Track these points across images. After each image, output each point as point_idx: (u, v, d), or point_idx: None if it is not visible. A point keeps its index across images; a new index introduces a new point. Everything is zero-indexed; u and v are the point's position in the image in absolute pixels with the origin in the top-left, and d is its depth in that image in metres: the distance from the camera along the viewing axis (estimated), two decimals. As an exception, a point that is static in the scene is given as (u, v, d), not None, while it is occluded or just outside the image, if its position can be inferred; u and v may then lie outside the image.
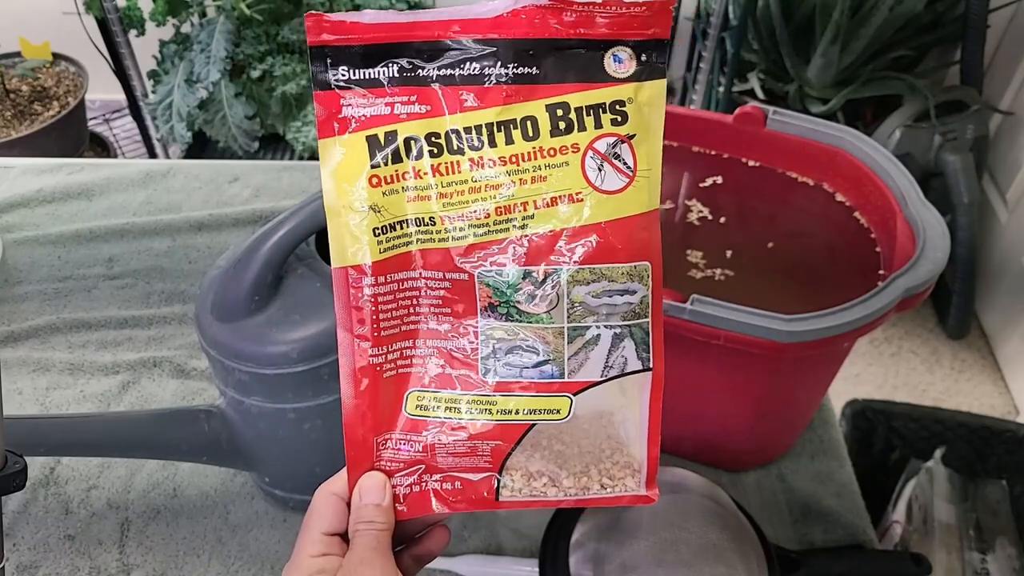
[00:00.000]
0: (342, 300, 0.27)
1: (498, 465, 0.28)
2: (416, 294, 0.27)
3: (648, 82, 0.27)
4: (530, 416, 0.27)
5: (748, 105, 0.54)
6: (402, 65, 0.26)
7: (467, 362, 0.27)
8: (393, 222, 0.27)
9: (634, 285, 0.27)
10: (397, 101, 0.26)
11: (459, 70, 0.26)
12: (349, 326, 0.27)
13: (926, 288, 0.43)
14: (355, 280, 0.27)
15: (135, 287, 0.67)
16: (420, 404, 0.28)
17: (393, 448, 0.28)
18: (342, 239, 0.27)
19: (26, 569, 0.48)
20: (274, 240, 0.40)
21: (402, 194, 0.26)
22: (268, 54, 1.14)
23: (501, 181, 0.26)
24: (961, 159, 1.10)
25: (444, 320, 0.27)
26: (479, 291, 0.27)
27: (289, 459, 0.48)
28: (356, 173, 0.26)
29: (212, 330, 0.42)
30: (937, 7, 1.12)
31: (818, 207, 0.53)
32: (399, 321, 0.27)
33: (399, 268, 0.27)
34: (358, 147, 0.26)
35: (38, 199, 0.75)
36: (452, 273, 0.27)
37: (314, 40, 0.26)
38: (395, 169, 0.26)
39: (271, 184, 0.78)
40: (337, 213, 0.26)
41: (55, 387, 0.59)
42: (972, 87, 1.14)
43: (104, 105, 1.48)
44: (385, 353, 0.27)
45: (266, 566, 0.49)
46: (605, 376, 0.27)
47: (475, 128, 0.26)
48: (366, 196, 0.26)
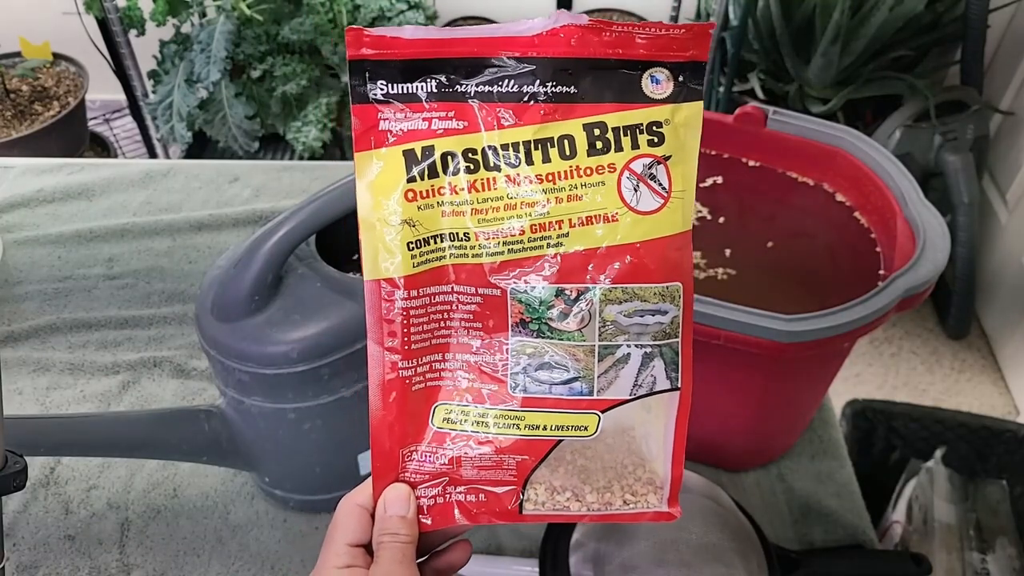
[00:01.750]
0: (373, 312, 0.27)
1: (523, 479, 0.28)
2: (448, 308, 0.27)
3: (685, 104, 0.27)
4: (557, 432, 0.27)
5: (748, 105, 0.54)
6: (440, 81, 0.26)
7: (496, 377, 0.27)
8: (427, 236, 0.27)
9: (666, 306, 0.27)
10: (435, 116, 0.26)
11: (497, 87, 0.26)
12: (379, 338, 0.27)
13: (926, 288, 0.43)
14: (387, 293, 0.27)
15: (135, 287, 0.67)
16: (447, 417, 0.28)
17: (419, 460, 0.28)
18: (375, 252, 0.27)
19: (26, 569, 0.48)
20: (274, 240, 0.40)
21: (437, 209, 0.27)
22: (268, 54, 1.14)
23: (537, 199, 0.27)
24: (961, 159, 1.10)
25: (475, 335, 0.28)
26: (511, 307, 0.27)
27: (289, 459, 0.48)
28: (392, 187, 0.26)
29: (212, 330, 0.42)
30: (937, 7, 1.12)
31: (818, 207, 0.53)
32: (430, 335, 0.27)
33: (432, 282, 0.27)
34: (395, 161, 0.26)
35: (38, 199, 0.75)
36: (484, 289, 0.27)
37: (353, 54, 0.26)
38: (431, 184, 0.26)
39: (271, 184, 0.78)
40: (371, 226, 0.27)
41: (55, 387, 0.59)
42: (972, 87, 1.14)
43: (104, 105, 1.48)
44: (415, 366, 0.28)
45: (266, 566, 0.49)
46: (634, 395, 0.27)
47: (512, 145, 0.26)
48: (401, 210, 0.26)
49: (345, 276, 0.44)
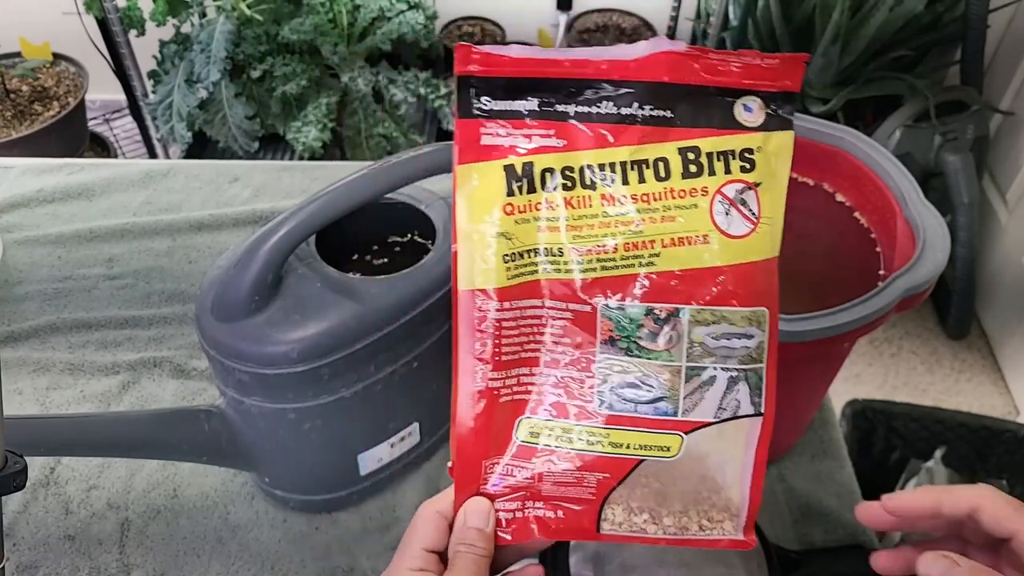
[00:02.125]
0: (466, 322, 0.28)
1: (602, 497, 0.28)
2: (538, 323, 0.28)
3: (776, 132, 0.27)
4: (640, 451, 0.28)
5: (748, 105, 0.54)
6: (543, 99, 0.27)
7: (583, 393, 0.28)
8: (523, 250, 0.27)
9: (752, 330, 0.28)
10: (536, 133, 0.27)
11: (597, 108, 0.27)
12: (470, 348, 0.28)
13: (926, 288, 0.43)
14: (481, 304, 0.27)
15: (135, 287, 0.67)
16: (532, 431, 0.28)
17: (501, 473, 0.28)
18: (471, 262, 0.27)
19: (26, 569, 0.48)
20: (274, 240, 0.40)
21: (533, 224, 0.27)
22: (268, 54, 1.14)
23: (631, 218, 0.27)
24: (961, 159, 1.10)
25: (564, 350, 0.28)
26: (601, 324, 0.27)
27: (289, 459, 0.48)
28: (491, 200, 0.27)
29: (212, 330, 0.42)
30: (937, 7, 1.12)
31: (818, 207, 0.53)
32: (519, 348, 0.28)
33: (524, 296, 0.28)
34: (495, 175, 0.27)
35: (38, 199, 0.75)
36: (576, 305, 0.27)
37: (461, 69, 0.27)
38: (529, 199, 0.27)
39: (271, 184, 0.78)
40: (468, 236, 0.27)
41: (55, 387, 0.59)
42: (972, 87, 1.14)
43: (104, 105, 1.48)
44: (503, 378, 0.28)
45: (266, 566, 0.49)
46: (718, 418, 0.28)
47: (609, 165, 0.27)
48: (499, 223, 0.27)
49: (345, 276, 0.44)
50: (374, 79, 1.17)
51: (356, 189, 0.41)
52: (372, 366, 0.44)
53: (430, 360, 0.48)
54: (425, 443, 0.53)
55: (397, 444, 0.50)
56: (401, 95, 1.17)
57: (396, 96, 1.17)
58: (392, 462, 0.51)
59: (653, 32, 1.51)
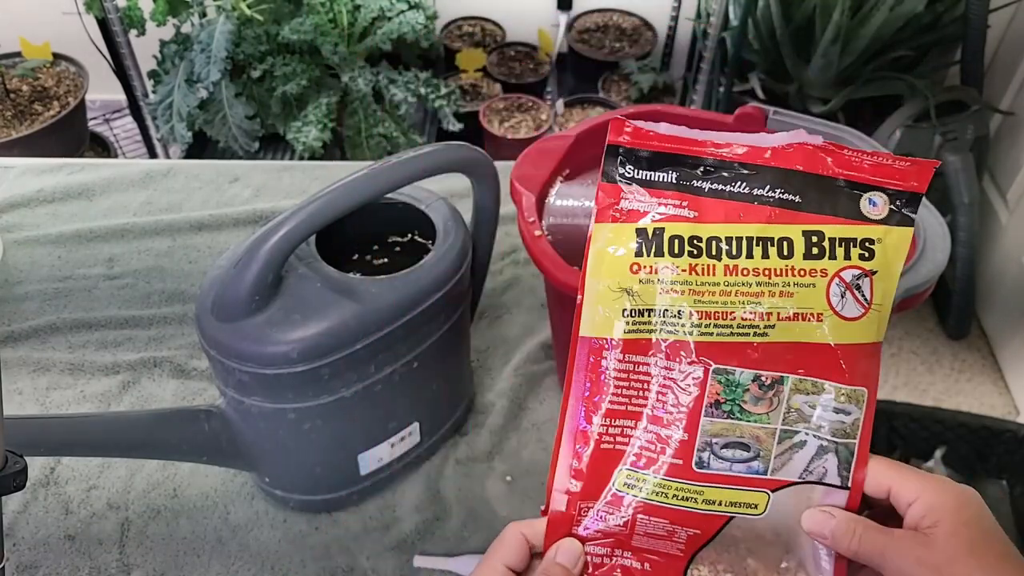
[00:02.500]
0: (581, 365, 0.30)
1: (690, 553, 0.30)
2: (648, 379, 0.29)
3: (897, 227, 0.29)
4: (730, 508, 0.29)
5: (748, 105, 0.54)
6: (681, 173, 0.29)
7: (683, 450, 0.29)
8: (643, 308, 0.29)
9: (850, 407, 0.29)
10: (670, 203, 0.29)
11: (731, 187, 0.29)
12: (581, 391, 0.30)
13: (926, 288, 0.43)
14: (599, 351, 0.29)
15: (135, 287, 0.67)
16: (628, 482, 0.29)
17: (594, 517, 0.30)
18: (594, 311, 0.29)
19: (26, 569, 0.48)
20: (274, 240, 0.40)
21: (656, 285, 0.29)
22: (268, 54, 1.14)
23: (752, 290, 0.29)
24: (961, 159, 1.10)
25: (669, 408, 0.29)
26: (709, 387, 0.29)
27: (289, 459, 0.48)
28: (620, 258, 0.29)
29: (212, 330, 0.42)
30: (937, 7, 1.12)
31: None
32: (627, 400, 0.29)
33: (639, 351, 0.29)
34: (627, 235, 0.29)
35: (38, 199, 0.75)
36: (687, 366, 0.29)
37: (613, 140, 0.29)
38: (654, 262, 0.29)
39: (271, 184, 0.78)
40: (595, 289, 0.29)
41: (55, 387, 0.59)
42: (972, 87, 1.13)
43: (104, 105, 1.48)
44: (608, 426, 0.29)
45: (266, 566, 0.49)
46: (802, 479, 0.29)
47: (735, 239, 0.29)
48: (624, 280, 0.29)
49: (345, 276, 0.44)
50: (374, 79, 1.17)
51: (356, 189, 0.41)
52: (372, 366, 0.44)
53: (430, 360, 0.48)
54: (425, 443, 0.53)
55: (397, 444, 0.50)
56: (401, 95, 1.17)
57: (396, 96, 1.17)
58: (392, 462, 0.51)
59: (653, 33, 1.51)
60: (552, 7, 1.51)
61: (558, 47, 1.50)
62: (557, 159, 0.53)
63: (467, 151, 0.46)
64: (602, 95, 1.44)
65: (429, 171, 0.43)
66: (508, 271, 0.69)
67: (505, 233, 0.70)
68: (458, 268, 0.46)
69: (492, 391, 0.59)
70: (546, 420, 0.57)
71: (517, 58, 1.52)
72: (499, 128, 1.38)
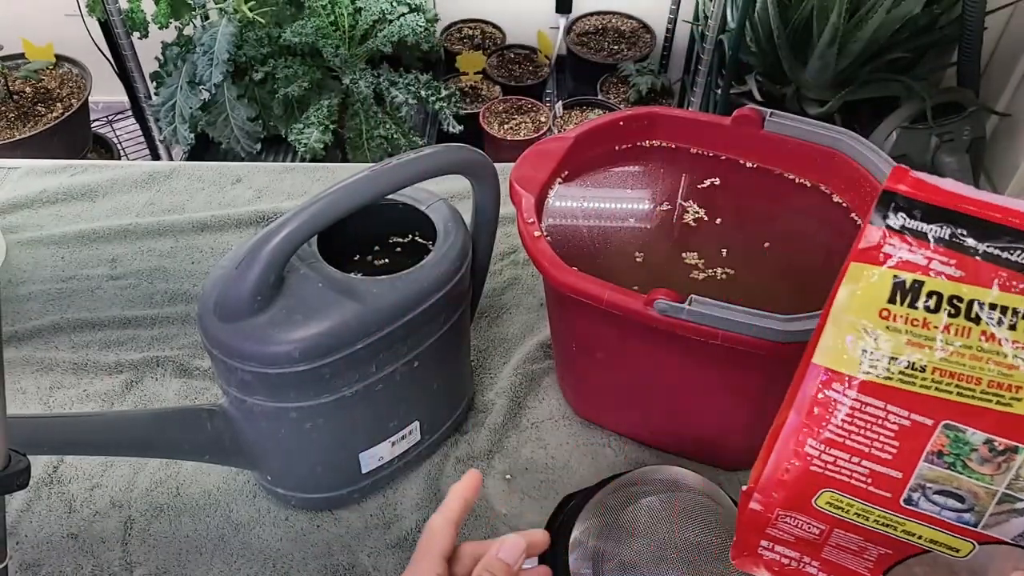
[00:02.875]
0: (809, 391, 0.30)
1: (879, 572, 0.30)
2: (873, 420, 0.29)
3: None
4: (930, 544, 0.29)
5: (746, 107, 0.54)
6: (954, 231, 0.29)
7: (893, 486, 0.29)
8: (885, 355, 0.29)
9: None
10: (936, 258, 0.29)
11: (1007, 254, 0.28)
12: (803, 413, 0.30)
13: (921, 288, 0.43)
14: (829, 381, 0.30)
15: (138, 287, 0.67)
16: (831, 503, 0.30)
17: (791, 524, 0.30)
18: (834, 343, 0.29)
19: (29, 568, 0.49)
20: (276, 241, 0.40)
21: (904, 335, 0.29)
22: (270, 56, 1.14)
23: (1006, 361, 0.28)
24: (958, 160, 1.10)
25: (890, 449, 0.29)
26: (936, 438, 0.29)
27: (291, 458, 0.48)
28: (872, 300, 0.29)
29: (215, 330, 0.42)
30: (934, 9, 1.12)
31: (815, 208, 0.53)
32: (847, 434, 0.30)
33: (873, 394, 0.29)
34: (884, 281, 0.29)
35: (42, 200, 0.76)
36: (919, 416, 0.29)
37: (890, 186, 0.29)
38: (907, 312, 0.29)
39: (273, 185, 0.78)
40: (840, 320, 0.29)
41: (59, 386, 0.59)
42: (969, 89, 1.14)
43: (107, 107, 1.48)
44: (822, 452, 0.30)
45: (268, 564, 0.49)
46: (1016, 543, 0.29)
47: (1000, 307, 0.28)
48: (872, 322, 0.29)
49: (346, 276, 0.45)
50: (375, 81, 1.17)
51: (357, 190, 0.41)
52: (373, 365, 0.45)
53: (430, 360, 0.48)
54: (425, 442, 0.53)
55: (398, 443, 0.51)
56: (402, 97, 1.17)
57: (397, 98, 1.17)
58: (393, 460, 0.52)
59: (651, 35, 1.52)
60: (551, 10, 1.52)
61: (557, 49, 1.50)
62: (556, 161, 0.53)
63: (467, 153, 0.46)
64: (601, 97, 1.44)
65: (429, 172, 0.44)
66: (508, 271, 0.69)
67: (505, 234, 0.71)
68: (458, 269, 0.47)
69: (492, 390, 0.59)
70: (545, 419, 0.58)
71: (517, 60, 1.52)
72: (499, 130, 1.38)
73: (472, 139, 1.35)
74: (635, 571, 0.41)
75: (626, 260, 0.50)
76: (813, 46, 1.14)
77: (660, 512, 0.43)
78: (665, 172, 0.56)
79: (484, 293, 0.62)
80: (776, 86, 1.24)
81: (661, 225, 0.52)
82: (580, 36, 1.52)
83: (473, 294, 0.54)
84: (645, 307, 0.43)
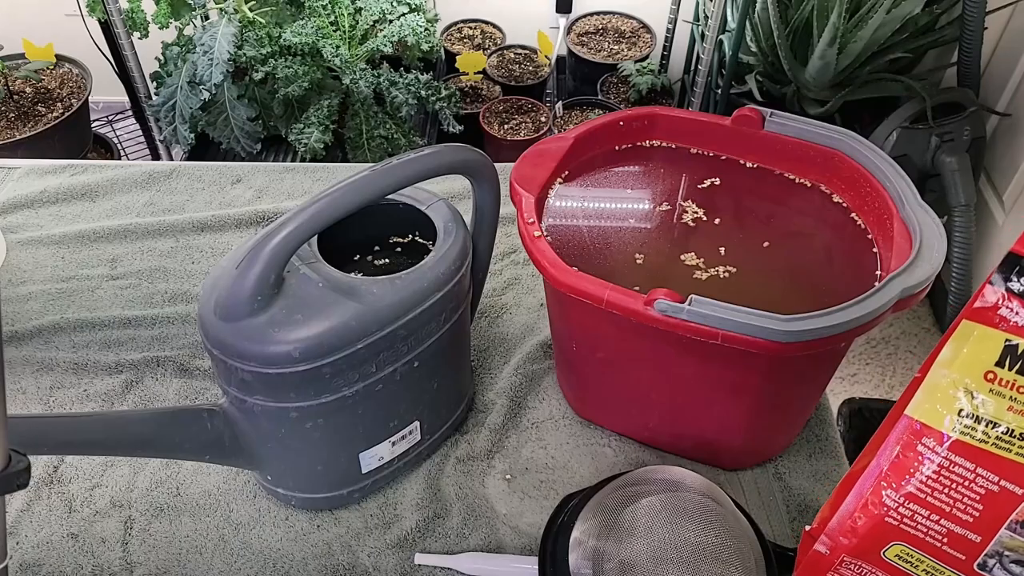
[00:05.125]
0: (895, 440, 0.29)
1: None
2: (960, 480, 0.29)
3: None
4: None
5: (746, 107, 0.54)
6: None
7: (971, 550, 0.29)
8: (983, 416, 0.29)
9: None
10: None
11: None
12: (886, 462, 0.30)
13: (923, 289, 0.43)
14: (919, 434, 0.29)
15: (138, 287, 0.67)
16: (901, 555, 0.30)
17: (855, 570, 0.30)
18: (932, 398, 0.29)
19: (29, 568, 0.49)
20: (276, 241, 0.40)
21: (1007, 400, 0.29)
22: (270, 56, 1.14)
23: None
24: (958, 160, 1.10)
25: (973, 511, 0.29)
26: (1023, 510, 0.29)
27: (291, 458, 0.48)
28: (979, 361, 0.29)
29: (215, 330, 0.42)
30: (934, 9, 1.12)
31: (815, 208, 0.53)
32: (929, 490, 0.29)
33: (964, 454, 0.29)
34: (994, 342, 0.29)
35: (42, 200, 0.76)
36: (1009, 484, 0.29)
37: (1018, 250, 0.29)
38: (1015, 378, 0.28)
39: (273, 185, 0.78)
40: (941, 376, 0.29)
41: (59, 386, 0.59)
42: (969, 89, 1.14)
43: (107, 107, 1.48)
44: (900, 505, 0.30)
45: (268, 564, 0.49)
46: None
47: None
48: (976, 383, 0.29)
49: (346, 276, 0.45)
50: (375, 81, 1.17)
51: (358, 190, 0.41)
52: (373, 365, 0.45)
53: (431, 359, 0.48)
54: (425, 441, 0.53)
55: (398, 443, 0.51)
56: (402, 97, 1.17)
57: (397, 98, 1.17)
58: (393, 460, 0.52)
59: (652, 35, 1.52)
60: (551, 10, 1.52)
61: (557, 50, 1.50)
62: (556, 161, 0.53)
63: (467, 153, 0.46)
64: (601, 97, 1.44)
65: (430, 172, 0.44)
66: (508, 271, 0.69)
67: (505, 234, 0.71)
68: (458, 269, 0.47)
69: (492, 390, 0.59)
70: (545, 419, 0.58)
71: (517, 61, 1.52)
72: (499, 130, 1.38)
73: (472, 139, 1.35)
74: (635, 571, 0.41)
75: (626, 260, 0.50)
76: (813, 46, 1.14)
77: (660, 512, 0.43)
78: (665, 172, 0.56)
79: (484, 293, 0.62)
80: (776, 86, 1.24)
81: (661, 225, 0.52)
82: (580, 36, 1.52)
83: (473, 294, 0.54)
84: (645, 307, 0.43)
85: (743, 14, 1.13)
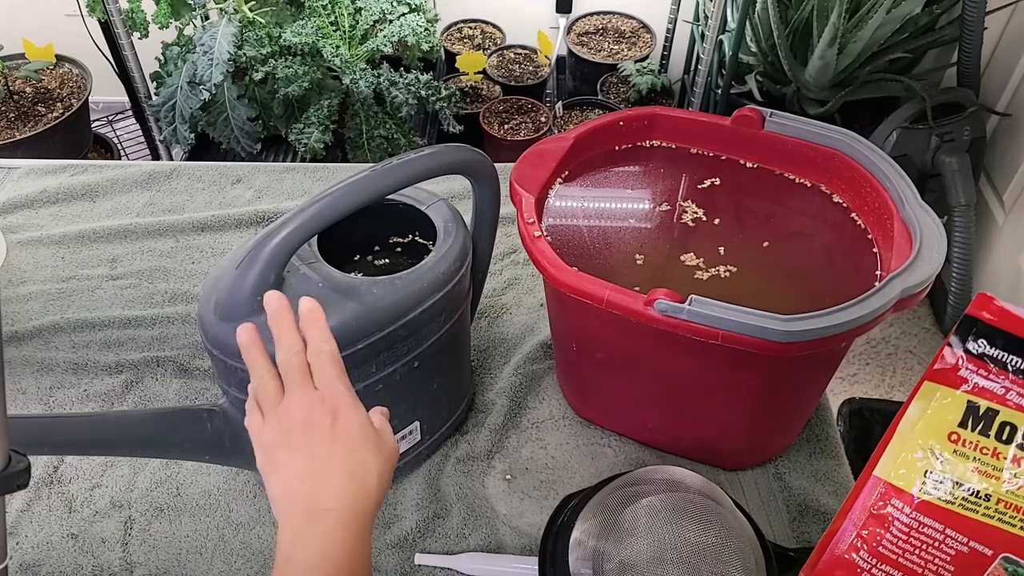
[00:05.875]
0: (865, 501, 0.30)
1: None
2: (930, 543, 0.29)
3: None
4: None
5: (746, 107, 0.54)
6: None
7: None
8: (948, 478, 0.29)
9: None
10: (1015, 389, 0.29)
11: None
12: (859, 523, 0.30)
13: (923, 289, 0.43)
14: (888, 496, 0.30)
15: (138, 287, 0.67)
16: None
17: None
18: (896, 459, 0.29)
19: (29, 568, 0.49)
20: (276, 241, 0.40)
21: (970, 462, 0.29)
22: (270, 57, 1.14)
23: None
24: (958, 160, 1.10)
25: (944, 572, 0.29)
26: (993, 569, 0.29)
27: (291, 458, 0.48)
28: (942, 422, 0.29)
29: (215, 330, 0.42)
30: (934, 9, 1.13)
31: (815, 208, 0.53)
32: (899, 552, 0.30)
33: (932, 515, 0.29)
34: (957, 404, 0.29)
35: (42, 200, 0.76)
36: (978, 545, 0.29)
37: (973, 311, 0.29)
38: (977, 439, 0.29)
39: (273, 186, 0.78)
40: (905, 438, 0.29)
41: (59, 386, 0.59)
42: (969, 89, 1.14)
43: (107, 107, 1.48)
44: (872, 567, 0.30)
45: (268, 563, 0.49)
46: None
47: None
48: (939, 444, 0.29)
49: (346, 277, 0.45)
50: (375, 81, 1.17)
51: (358, 190, 0.41)
52: (373, 365, 0.45)
53: (431, 360, 0.48)
54: (425, 441, 0.53)
55: (398, 442, 0.51)
56: (402, 97, 1.17)
57: (397, 98, 1.17)
58: (393, 461, 0.51)
59: (652, 35, 1.52)
60: (551, 10, 1.52)
61: (557, 50, 1.50)
62: (556, 161, 0.53)
63: (467, 153, 0.46)
64: (601, 97, 1.44)
65: (430, 173, 0.44)
66: (508, 271, 0.69)
67: (505, 234, 0.71)
68: (458, 269, 0.47)
69: (492, 390, 0.59)
70: (545, 419, 0.58)
71: (517, 61, 1.52)
72: (499, 130, 1.38)
73: (472, 139, 1.35)
74: (635, 571, 0.41)
75: (626, 260, 0.50)
76: (813, 46, 1.14)
77: (660, 512, 0.43)
78: (665, 172, 0.56)
79: (484, 293, 0.62)
80: (776, 86, 1.24)
81: (661, 225, 0.52)
82: (580, 36, 1.52)
83: (473, 294, 0.54)
84: (645, 307, 0.43)
85: (743, 14, 1.13)
